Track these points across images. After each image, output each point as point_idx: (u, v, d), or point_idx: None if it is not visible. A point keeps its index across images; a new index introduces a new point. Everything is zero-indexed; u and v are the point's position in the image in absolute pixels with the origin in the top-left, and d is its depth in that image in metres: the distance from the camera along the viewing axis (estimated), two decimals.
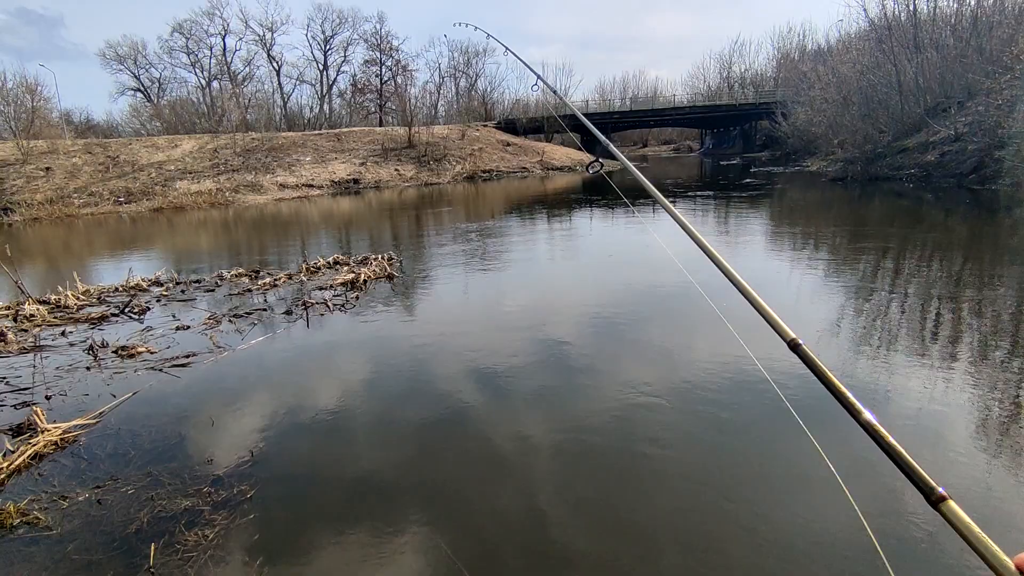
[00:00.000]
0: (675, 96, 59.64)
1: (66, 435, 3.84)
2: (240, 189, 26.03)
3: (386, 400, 4.27)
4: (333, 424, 3.92)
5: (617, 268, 8.66)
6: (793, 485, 3.00)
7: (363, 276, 8.11)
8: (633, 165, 1.97)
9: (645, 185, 1.75)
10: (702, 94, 58.09)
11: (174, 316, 6.79)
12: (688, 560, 2.51)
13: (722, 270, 1.34)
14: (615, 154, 2.14)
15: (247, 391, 4.58)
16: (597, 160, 2.49)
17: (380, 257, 9.51)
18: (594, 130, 2.40)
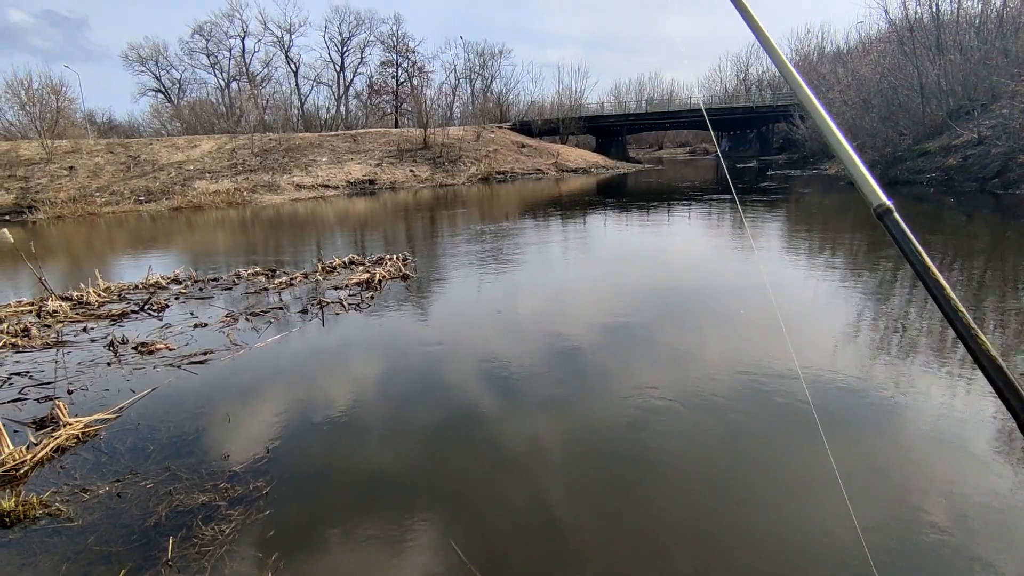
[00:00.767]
0: (691, 98, 59.37)
1: (87, 429, 3.91)
2: (257, 189, 26.36)
3: (399, 399, 4.29)
4: (347, 422, 3.95)
5: (632, 270, 8.62)
6: (797, 492, 2.97)
7: (378, 276, 8.16)
8: (651, 167, 1.96)
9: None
10: (718, 96, 57.73)
11: (192, 314, 6.90)
12: (698, 566, 2.49)
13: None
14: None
15: (263, 388, 4.63)
16: None
17: (395, 257, 9.57)
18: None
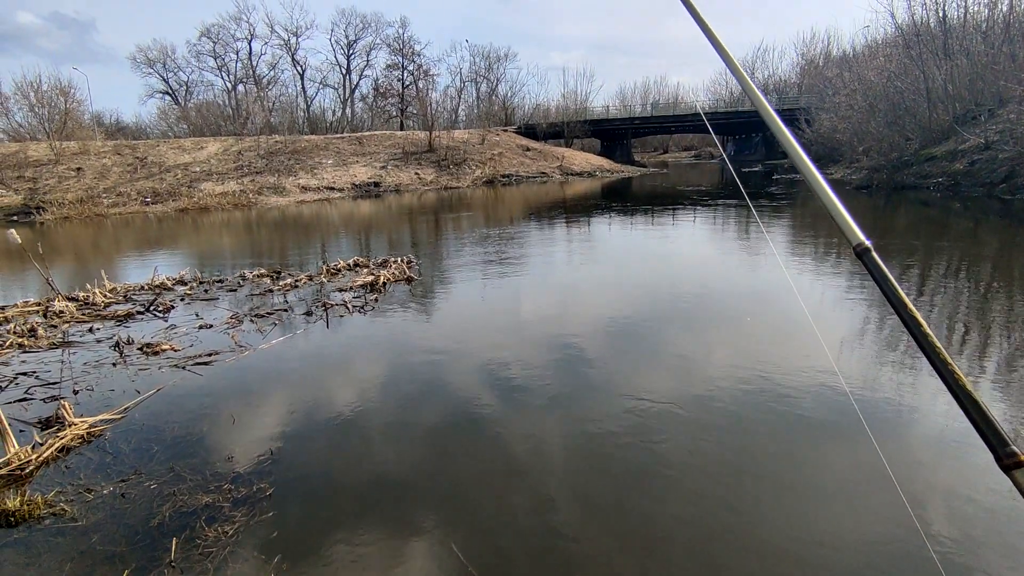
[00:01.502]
0: (696, 102, 59.32)
1: (92, 429, 3.93)
2: (263, 191, 26.47)
3: (402, 402, 4.29)
4: (350, 424, 3.95)
5: (636, 274, 8.62)
6: (805, 497, 2.95)
7: (382, 278, 8.18)
8: (655, 170, 1.96)
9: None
10: (724, 100, 57.66)
11: (197, 315, 6.92)
12: (700, 570, 2.48)
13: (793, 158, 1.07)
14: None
15: (267, 390, 4.65)
16: None
17: (399, 260, 9.59)
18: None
